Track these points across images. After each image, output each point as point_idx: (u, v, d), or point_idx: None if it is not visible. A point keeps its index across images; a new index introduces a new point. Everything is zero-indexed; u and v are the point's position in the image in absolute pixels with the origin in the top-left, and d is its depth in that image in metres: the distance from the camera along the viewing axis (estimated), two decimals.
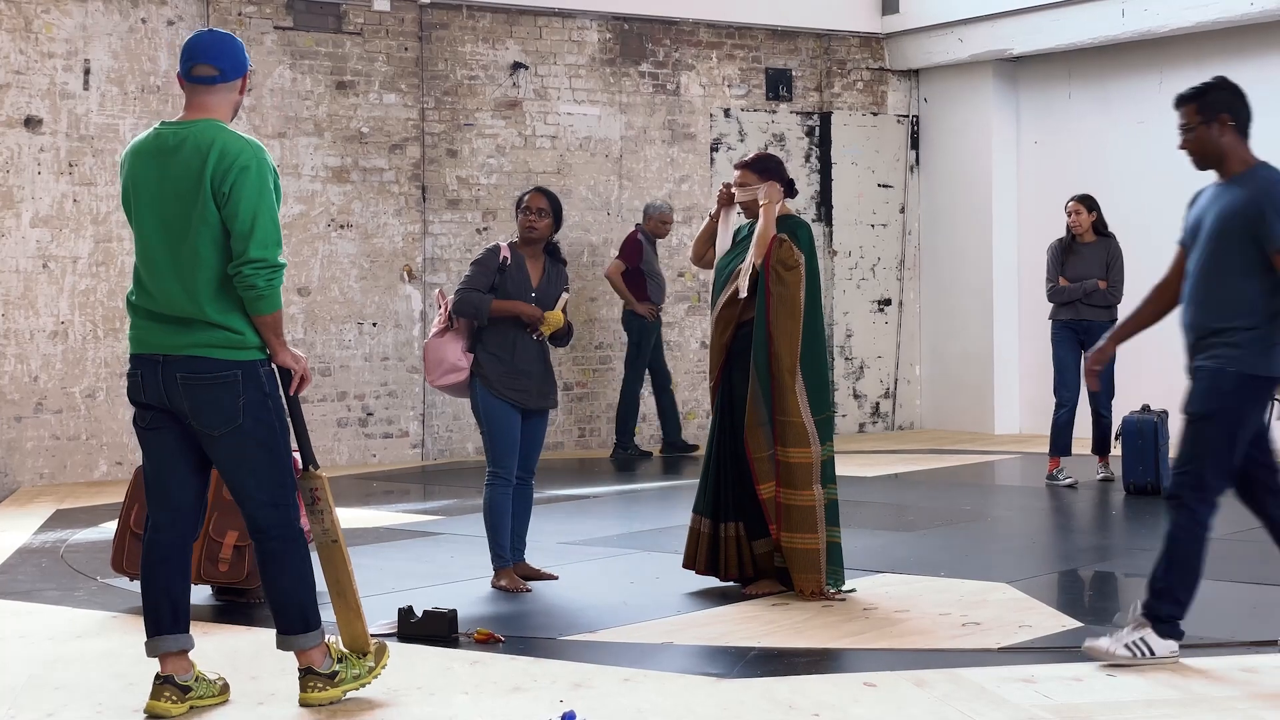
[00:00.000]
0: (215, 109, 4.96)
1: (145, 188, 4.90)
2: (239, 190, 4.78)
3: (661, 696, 5.13)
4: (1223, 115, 5.69)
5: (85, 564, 7.77)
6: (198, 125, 4.90)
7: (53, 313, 11.05)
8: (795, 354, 6.62)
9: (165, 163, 4.87)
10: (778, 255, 6.64)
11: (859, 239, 14.38)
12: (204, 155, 4.81)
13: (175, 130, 4.92)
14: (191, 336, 4.86)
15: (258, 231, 4.79)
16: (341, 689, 5.02)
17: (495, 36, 12.73)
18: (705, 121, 13.68)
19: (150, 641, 5.02)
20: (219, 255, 4.83)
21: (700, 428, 13.30)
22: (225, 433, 4.88)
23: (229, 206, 4.79)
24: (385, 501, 10.20)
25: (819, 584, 6.61)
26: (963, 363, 14.16)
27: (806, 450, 6.59)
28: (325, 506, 5.16)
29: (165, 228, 4.87)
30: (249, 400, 4.88)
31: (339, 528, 5.18)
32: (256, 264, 4.79)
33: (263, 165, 4.85)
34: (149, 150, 4.93)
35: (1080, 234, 10.38)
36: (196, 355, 4.85)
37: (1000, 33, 13.58)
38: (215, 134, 4.86)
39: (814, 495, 6.59)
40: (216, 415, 4.87)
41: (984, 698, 5.02)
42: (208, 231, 4.82)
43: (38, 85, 11.00)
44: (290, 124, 11.87)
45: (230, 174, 4.79)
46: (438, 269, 12.47)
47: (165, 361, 4.89)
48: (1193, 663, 5.49)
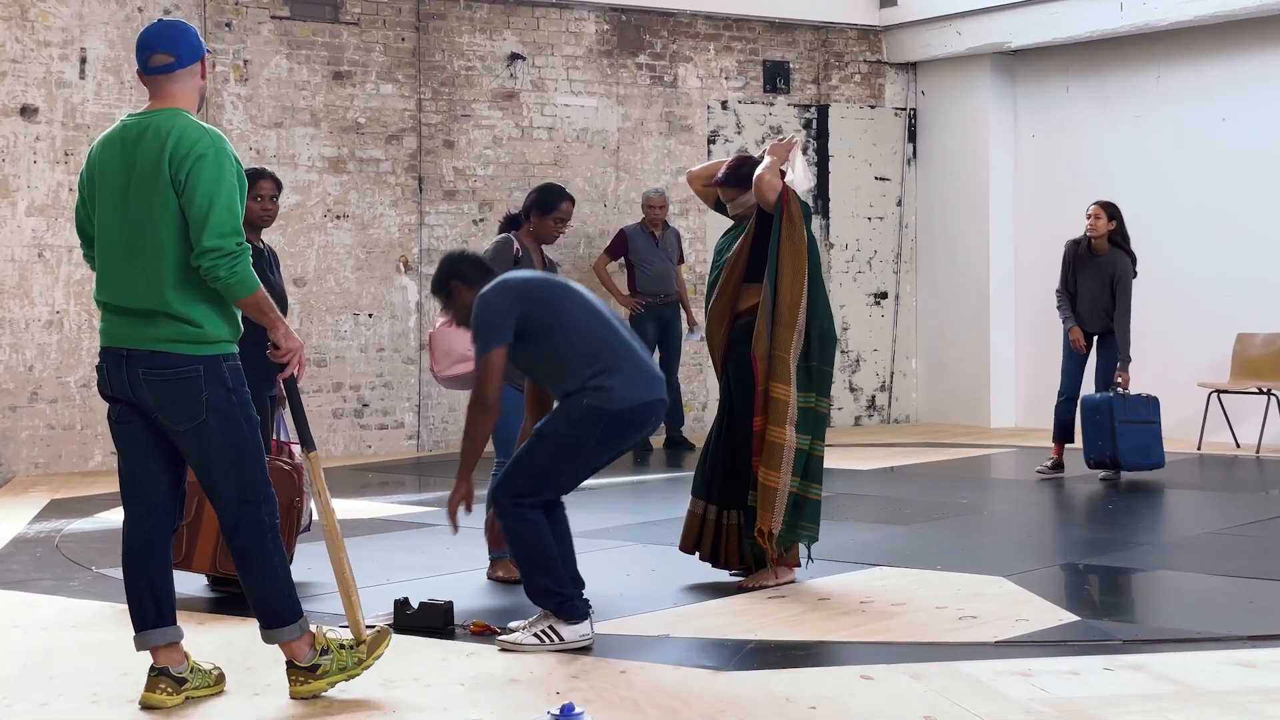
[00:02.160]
0: (178, 96, 4.92)
1: (110, 178, 4.87)
2: (195, 178, 4.73)
3: (658, 689, 5.12)
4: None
5: (80, 554, 7.75)
6: (160, 114, 4.87)
7: (48, 302, 11.03)
8: (799, 292, 6.61)
9: (129, 152, 4.84)
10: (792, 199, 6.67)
11: (856, 232, 14.37)
12: (163, 141, 4.78)
13: (139, 120, 4.89)
14: (154, 330, 4.81)
15: (212, 220, 4.72)
16: (326, 681, 4.99)
17: (492, 27, 12.71)
18: (702, 113, 13.66)
19: (138, 637, 5.00)
20: (180, 243, 4.78)
21: (696, 419, 13.29)
22: (190, 428, 4.85)
23: (185, 194, 4.74)
24: (380, 493, 10.19)
25: (769, 523, 6.56)
26: (959, 356, 14.16)
27: (786, 388, 6.58)
28: (318, 489, 5.14)
29: (129, 219, 4.83)
30: (212, 395, 4.83)
31: (332, 513, 5.17)
32: (213, 253, 4.72)
33: (220, 153, 4.79)
34: (114, 142, 4.90)
35: (1095, 239, 10.16)
36: (158, 350, 4.81)
37: (998, 26, 13.58)
38: (174, 121, 4.82)
39: (785, 435, 6.57)
40: (179, 410, 4.83)
41: (981, 691, 5.02)
42: (168, 218, 4.77)
43: (34, 74, 10.97)
44: (287, 114, 11.85)
45: (187, 161, 4.74)
46: (434, 260, 12.44)
47: (129, 355, 4.85)
48: (1190, 657, 5.49)
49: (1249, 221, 12.28)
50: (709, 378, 13.30)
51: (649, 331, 12.38)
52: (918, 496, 9.74)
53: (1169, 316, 12.61)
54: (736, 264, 6.79)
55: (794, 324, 6.60)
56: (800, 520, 6.65)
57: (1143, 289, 12.58)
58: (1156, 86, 12.93)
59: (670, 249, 12.50)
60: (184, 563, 6.36)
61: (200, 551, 6.44)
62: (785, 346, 6.60)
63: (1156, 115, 12.92)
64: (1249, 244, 12.27)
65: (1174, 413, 12.44)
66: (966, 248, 14.08)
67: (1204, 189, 12.60)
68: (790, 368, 6.60)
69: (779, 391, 6.60)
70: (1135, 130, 13.01)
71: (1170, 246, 12.57)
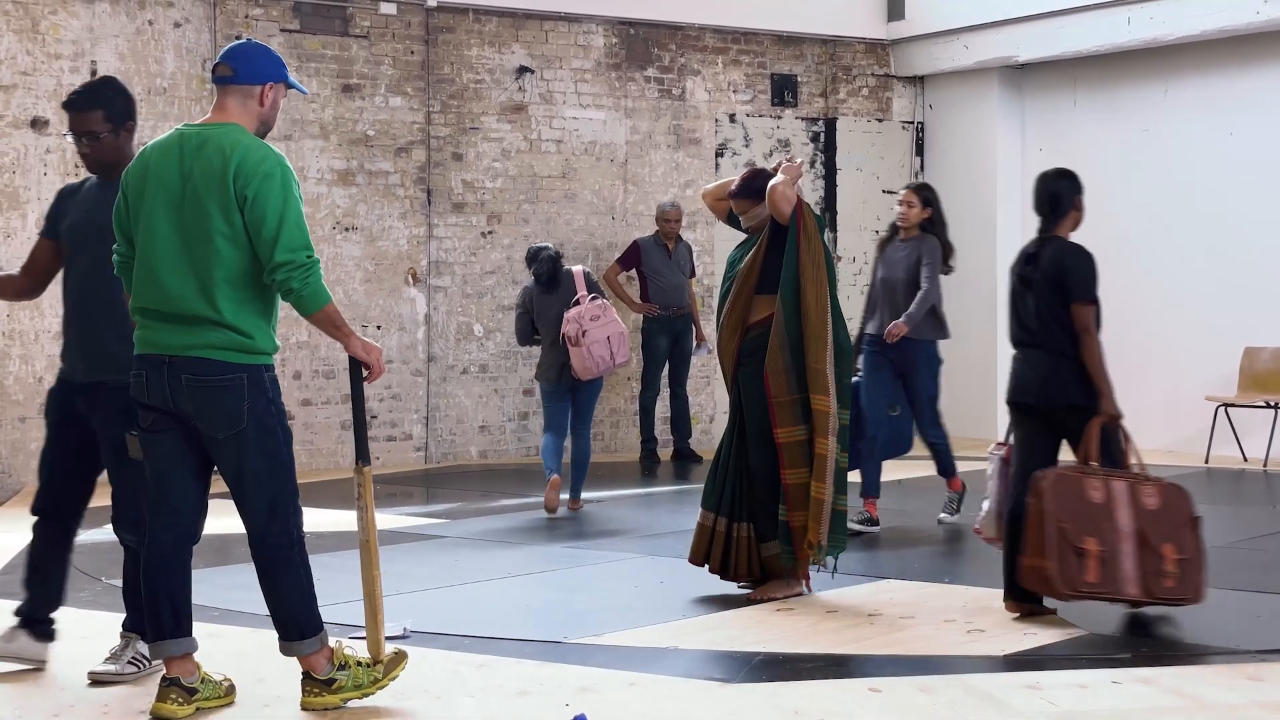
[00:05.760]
0: (232, 111, 4.99)
1: (165, 184, 4.91)
2: (265, 198, 4.81)
3: (667, 701, 5.14)
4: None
5: (90, 565, 7.77)
6: (220, 128, 4.94)
7: (58, 314, 10.98)
8: (825, 304, 6.66)
9: (187, 162, 4.89)
10: (807, 213, 6.70)
11: (863, 245, 14.37)
12: (226, 157, 4.84)
13: (198, 131, 4.96)
14: (199, 337, 4.86)
15: (283, 236, 4.81)
16: (340, 696, 5.01)
17: (501, 40, 12.74)
18: (710, 126, 13.69)
19: (153, 646, 5.03)
20: (237, 253, 4.84)
21: (704, 433, 13.30)
22: (228, 436, 4.89)
23: (253, 212, 4.81)
24: (389, 504, 10.19)
25: (819, 535, 6.60)
26: (966, 369, 14.15)
27: (826, 399, 6.63)
28: (365, 504, 5.17)
29: (182, 226, 4.87)
30: (253, 404, 4.88)
31: (374, 529, 5.19)
32: (285, 267, 4.81)
33: (286, 172, 4.89)
34: (172, 149, 4.94)
35: (905, 229, 8.98)
36: (202, 357, 4.86)
37: (1006, 40, 13.59)
38: (239, 137, 4.90)
39: (828, 446, 6.62)
40: (221, 418, 4.88)
41: (990, 704, 5.03)
42: (226, 229, 4.83)
43: (44, 86, 11.01)
44: (296, 127, 11.88)
45: (254, 180, 4.81)
46: (442, 272, 12.47)
47: (171, 362, 4.89)
48: (1198, 671, 5.50)
49: (1256, 235, 12.28)
50: (717, 390, 13.31)
51: (661, 344, 12.40)
52: (925, 509, 9.74)
53: (1176, 330, 12.62)
54: (749, 276, 6.81)
55: (824, 336, 6.64)
56: (834, 531, 6.72)
57: (1151, 302, 12.61)
58: (1164, 101, 12.94)
59: (683, 262, 12.53)
60: None
61: None
62: (820, 358, 6.63)
63: (1164, 129, 12.93)
64: (1257, 258, 12.27)
65: (1181, 426, 12.45)
66: (973, 260, 14.05)
67: (1211, 203, 12.60)
68: (829, 379, 6.64)
69: (820, 403, 6.63)
70: (1143, 144, 13.02)
71: (1178, 260, 12.59)
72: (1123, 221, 13.06)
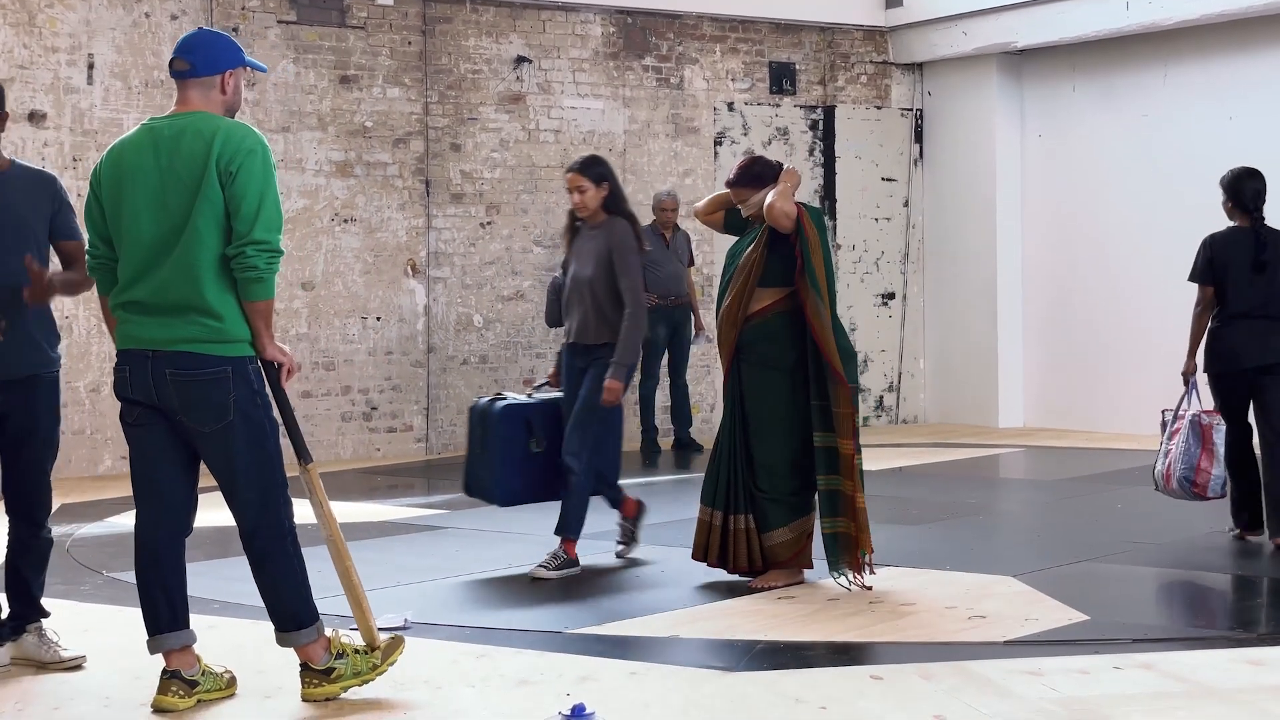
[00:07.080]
0: (197, 103, 4.99)
1: (144, 178, 4.88)
2: (247, 173, 4.80)
3: (668, 690, 5.13)
4: None
5: (91, 558, 7.77)
6: (193, 116, 4.93)
7: (56, 307, 10.98)
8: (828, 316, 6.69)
9: (163, 152, 4.87)
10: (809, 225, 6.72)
11: (863, 233, 14.37)
12: (207, 140, 4.83)
13: (170, 122, 4.94)
14: (182, 330, 4.83)
15: (263, 214, 4.81)
16: (339, 685, 5.01)
17: (499, 30, 12.72)
18: (709, 115, 13.67)
19: (151, 640, 5.02)
20: (220, 236, 4.82)
21: (704, 421, 13.29)
22: (215, 429, 4.87)
23: (234, 187, 4.79)
24: (389, 496, 10.20)
25: (870, 545, 6.70)
26: (966, 356, 14.16)
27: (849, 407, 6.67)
28: (318, 500, 5.13)
29: (164, 216, 4.84)
30: (239, 396, 4.86)
31: (334, 522, 5.16)
32: (260, 245, 4.79)
33: (267, 152, 4.90)
34: (144, 144, 4.92)
35: (586, 215, 7.46)
36: (186, 351, 4.84)
37: (1004, 26, 13.57)
38: (218, 122, 4.90)
39: (851, 445, 6.68)
40: (206, 411, 4.86)
41: (991, 690, 5.02)
42: (210, 211, 4.80)
43: (41, 79, 11.00)
44: (294, 118, 11.87)
45: (238, 156, 4.81)
46: (441, 263, 12.46)
47: (154, 357, 4.87)
48: (1200, 656, 5.49)
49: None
50: (717, 379, 13.30)
51: (660, 333, 12.38)
52: (926, 496, 9.74)
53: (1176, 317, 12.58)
54: (751, 267, 6.79)
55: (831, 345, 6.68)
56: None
57: (1150, 289, 12.59)
58: (1163, 86, 12.92)
59: (681, 251, 12.50)
60: None
61: None
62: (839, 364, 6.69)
63: (1163, 114, 12.90)
64: None
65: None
66: (974, 248, 14.07)
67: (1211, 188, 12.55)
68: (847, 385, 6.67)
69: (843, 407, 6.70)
70: (1142, 129, 13.00)
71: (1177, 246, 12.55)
72: (1120, 207, 13.05)
